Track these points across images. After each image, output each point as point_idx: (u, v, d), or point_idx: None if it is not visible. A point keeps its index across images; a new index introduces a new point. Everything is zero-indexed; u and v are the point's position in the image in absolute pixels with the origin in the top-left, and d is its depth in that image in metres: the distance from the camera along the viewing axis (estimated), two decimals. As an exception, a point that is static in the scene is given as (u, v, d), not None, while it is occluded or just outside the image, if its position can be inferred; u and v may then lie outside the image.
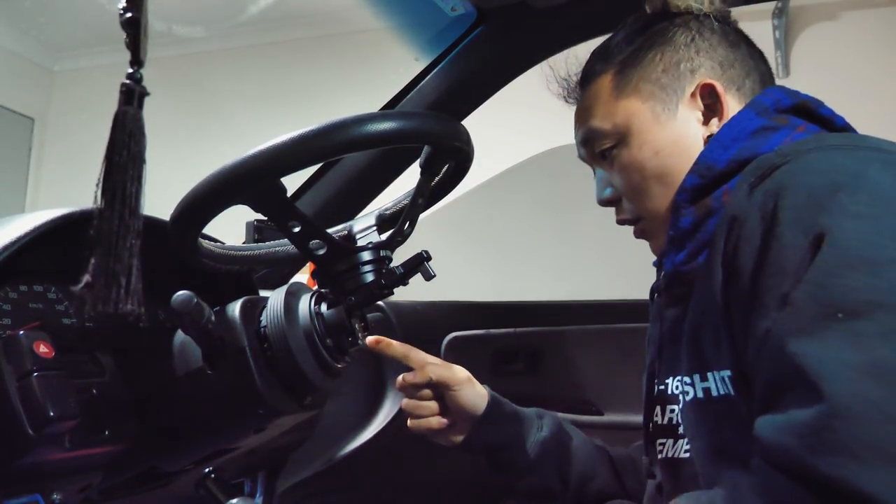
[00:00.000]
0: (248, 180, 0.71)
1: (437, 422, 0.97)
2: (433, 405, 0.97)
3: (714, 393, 0.71)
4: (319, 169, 1.34)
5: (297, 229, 0.78)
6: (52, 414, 0.70)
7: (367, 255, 0.82)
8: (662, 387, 0.83)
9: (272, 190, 0.74)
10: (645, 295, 0.90)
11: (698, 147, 0.80)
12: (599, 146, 0.85)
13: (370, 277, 0.82)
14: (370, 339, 0.93)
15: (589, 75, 0.88)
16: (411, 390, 0.97)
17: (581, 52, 0.94)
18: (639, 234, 0.87)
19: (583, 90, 0.89)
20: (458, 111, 1.28)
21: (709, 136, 0.80)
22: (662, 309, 0.83)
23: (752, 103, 0.79)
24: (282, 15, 3.70)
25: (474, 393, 0.97)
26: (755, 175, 0.67)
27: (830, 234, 0.57)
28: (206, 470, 0.83)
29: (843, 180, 0.60)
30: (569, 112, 0.94)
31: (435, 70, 1.25)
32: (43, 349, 0.72)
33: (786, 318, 0.58)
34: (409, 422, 0.98)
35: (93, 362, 0.84)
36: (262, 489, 1.24)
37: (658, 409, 0.84)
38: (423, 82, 1.27)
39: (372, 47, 2.70)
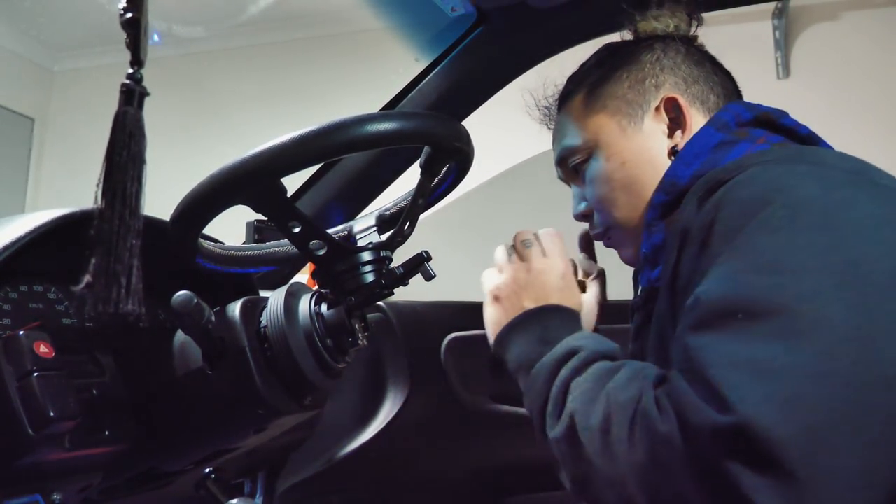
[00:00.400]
0: (248, 180, 0.71)
1: None
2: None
3: None
4: (319, 169, 1.34)
5: (297, 229, 0.78)
6: (52, 414, 0.70)
7: (367, 256, 0.82)
8: None
9: (272, 190, 0.74)
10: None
11: (663, 158, 0.84)
12: (572, 162, 0.90)
13: (370, 278, 0.82)
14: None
15: (563, 98, 0.94)
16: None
17: (559, 79, 0.99)
18: (610, 245, 0.91)
19: (558, 113, 0.95)
20: (459, 111, 1.28)
21: (673, 148, 0.84)
22: (640, 326, 0.85)
23: (711, 120, 0.82)
24: (282, 15, 3.70)
25: (590, 301, 0.99)
26: (704, 189, 0.70)
27: (747, 243, 0.61)
28: (206, 470, 0.83)
29: (773, 195, 0.62)
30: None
31: (435, 70, 1.25)
32: (43, 349, 0.73)
33: (691, 314, 0.61)
34: None
35: (93, 362, 0.84)
36: (262, 489, 1.24)
37: None
38: (423, 83, 1.27)
39: (372, 47, 2.70)
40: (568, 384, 0.71)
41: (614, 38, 0.99)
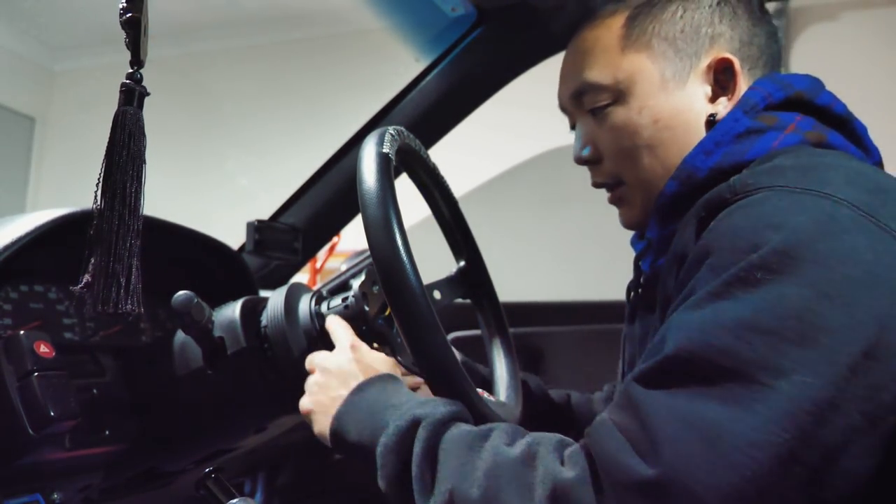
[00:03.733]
0: None
1: None
2: None
3: None
4: (307, 181, 1.34)
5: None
6: (52, 414, 0.70)
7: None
8: None
9: None
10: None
11: (698, 124, 0.75)
12: (592, 102, 0.78)
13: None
14: None
15: (595, 9, 0.81)
16: None
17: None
18: (614, 201, 0.82)
19: (585, 27, 0.81)
20: (459, 111, 1.28)
21: (711, 117, 0.75)
22: (636, 309, 0.82)
23: (741, 100, 0.74)
24: (282, 15, 3.70)
25: None
26: (706, 210, 0.66)
27: (726, 291, 0.57)
28: (206, 470, 0.83)
29: (768, 234, 0.58)
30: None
31: (435, 70, 1.26)
32: (43, 349, 0.73)
33: (651, 362, 0.59)
34: None
35: (93, 362, 0.84)
36: (262, 489, 1.24)
37: None
38: (423, 82, 1.27)
39: (372, 47, 2.70)
40: (431, 454, 0.64)
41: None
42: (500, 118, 1.92)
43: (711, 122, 0.75)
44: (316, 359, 0.78)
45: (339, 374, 0.75)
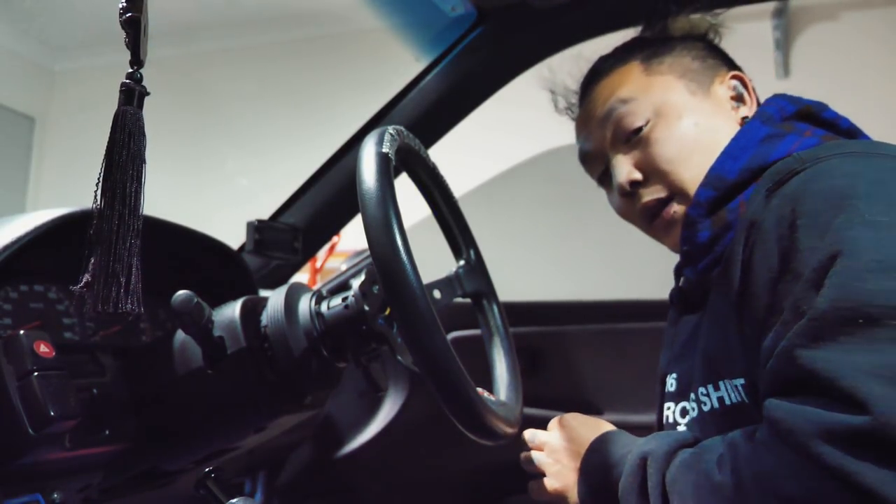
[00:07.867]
0: None
1: None
2: None
3: (727, 401, 0.72)
4: (308, 180, 1.34)
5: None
6: (52, 414, 0.70)
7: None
8: (664, 385, 0.84)
9: None
10: (644, 295, 0.91)
11: (733, 124, 0.82)
12: (628, 125, 0.83)
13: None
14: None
15: (603, 69, 0.89)
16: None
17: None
18: (663, 225, 0.83)
19: (599, 81, 0.88)
20: (458, 111, 1.28)
21: (743, 119, 0.83)
22: (679, 315, 0.85)
23: (756, 114, 0.80)
24: (282, 15, 3.70)
25: None
26: (773, 180, 0.67)
27: (849, 240, 0.57)
28: (206, 470, 0.83)
29: (862, 187, 0.60)
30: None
31: (435, 70, 1.26)
32: (43, 349, 0.73)
33: (805, 324, 0.57)
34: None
35: (93, 362, 0.84)
36: (262, 489, 1.24)
37: (666, 406, 0.84)
38: (423, 82, 1.27)
39: (372, 47, 2.71)
40: (662, 487, 0.67)
41: (610, 38, 0.98)
42: (500, 118, 1.92)
43: (746, 121, 0.82)
44: (538, 438, 0.84)
45: (567, 447, 0.81)
